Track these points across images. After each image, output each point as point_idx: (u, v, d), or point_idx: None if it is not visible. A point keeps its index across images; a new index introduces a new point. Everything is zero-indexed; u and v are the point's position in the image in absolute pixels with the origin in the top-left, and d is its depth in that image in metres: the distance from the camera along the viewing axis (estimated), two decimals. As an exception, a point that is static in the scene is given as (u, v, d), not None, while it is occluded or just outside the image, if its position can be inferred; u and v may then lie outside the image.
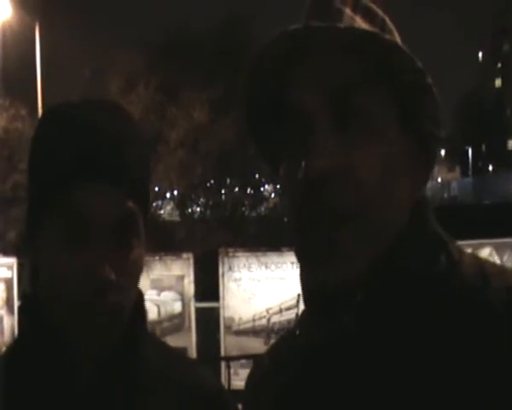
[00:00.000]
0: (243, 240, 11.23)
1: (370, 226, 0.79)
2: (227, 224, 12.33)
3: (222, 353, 9.28)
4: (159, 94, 12.08)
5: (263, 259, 9.43)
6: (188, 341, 9.46)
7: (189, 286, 9.67)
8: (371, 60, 0.80)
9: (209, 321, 9.67)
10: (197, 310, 9.75)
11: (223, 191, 14.10)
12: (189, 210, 13.90)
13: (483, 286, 0.78)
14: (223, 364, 8.85)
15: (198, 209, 13.97)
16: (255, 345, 8.87)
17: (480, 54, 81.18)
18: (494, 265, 0.84)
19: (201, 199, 13.82)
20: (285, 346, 0.98)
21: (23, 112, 13.42)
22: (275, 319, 9.13)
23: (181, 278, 9.73)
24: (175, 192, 13.60)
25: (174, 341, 8.69)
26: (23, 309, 1.02)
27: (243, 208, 13.80)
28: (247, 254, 9.66)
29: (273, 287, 9.23)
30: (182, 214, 13.64)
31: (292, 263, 8.94)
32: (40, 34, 15.89)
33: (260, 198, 14.18)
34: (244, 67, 0.86)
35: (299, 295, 0.92)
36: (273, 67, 0.84)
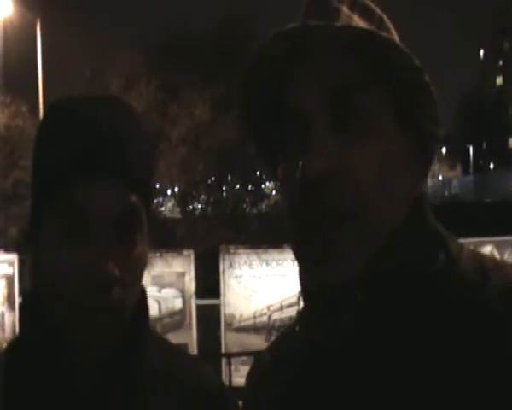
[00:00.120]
0: (244, 237, 11.22)
1: (368, 226, 0.79)
2: (228, 221, 12.33)
3: (223, 350, 9.27)
4: (160, 92, 12.07)
5: (264, 256, 9.43)
6: (188, 338, 9.46)
7: (190, 283, 9.67)
8: (369, 58, 0.80)
9: (210, 318, 9.67)
10: (198, 307, 9.75)
11: (224, 188, 14.10)
12: (190, 207, 13.90)
13: (482, 282, 0.78)
14: (223, 361, 8.84)
15: (199, 206, 13.97)
16: (256, 342, 8.87)
17: (482, 52, 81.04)
18: (494, 260, 0.84)
19: (202, 196, 13.82)
20: (285, 343, 0.98)
21: (24, 109, 13.40)
22: (276, 316, 9.13)
23: (182, 275, 9.72)
24: (176, 189, 13.60)
25: (175, 337, 8.69)
26: (24, 307, 1.02)
27: (244, 205, 13.79)
28: (248, 251, 9.66)
29: (274, 284, 9.22)
30: (183, 211, 13.63)
31: (293, 260, 8.77)
32: (41, 31, 15.86)
33: (261, 195, 14.18)
34: (244, 67, 0.85)
35: (299, 292, 0.92)
36: (272, 67, 0.84)
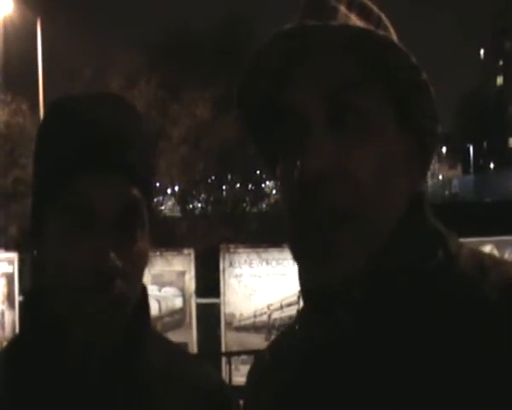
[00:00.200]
0: (244, 236, 11.23)
1: (367, 226, 0.79)
2: (228, 220, 12.33)
3: (223, 349, 9.27)
4: (161, 91, 12.08)
5: (264, 255, 9.42)
6: (188, 337, 9.46)
7: (190, 282, 9.67)
8: (367, 58, 0.80)
9: (210, 317, 9.66)
10: (198, 306, 9.75)
11: (224, 187, 14.11)
12: (191, 206, 13.90)
13: (481, 280, 0.78)
14: (223, 360, 8.84)
15: (199, 205, 13.98)
16: (256, 341, 8.87)
17: (482, 51, 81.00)
18: (493, 258, 0.84)
19: (203, 195, 13.82)
20: (285, 342, 0.98)
21: (24, 107, 13.41)
22: (276, 316, 9.12)
23: (182, 274, 9.72)
24: (176, 188, 13.60)
25: (175, 336, 8.69)
26: (25, 306, 1.02)
27: (244, 204, 13.80)
28: (248, 250, 9.65)
29: (274, 283, 9.21)
30: (183, 210, 13.64)
31: (293, 259, 8.90)
32: (41, 30, 15.86)
33: (261, 194, 14.19)
34: (243, 67, 0.85)
35: (299, 291, 0.92)
36: (272, 67, 0.84)
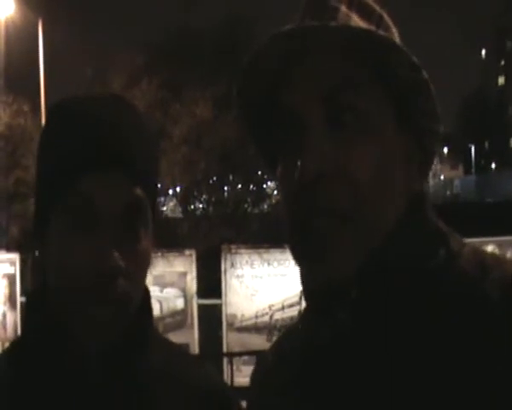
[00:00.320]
0: (246, 237, 11.24)
1: (366, 226, 0.79)
2: (230, 220, 12.35)
3: (224, 349, 9.28)
4: (162, 91, 12.09)
5: (265, 256, 9.43)
6: (190, 337, 9.46)
7: (192, 283, 9.67)
8: (368, 58, 0.80)
9: (211, 318, 9.67)
10: (199, 307, 9.75)
11: (225, 188, 14.12)
12: (192, 207, 13.92)
13: (482, 278, 0.78)
14: (225, 360, 8.85)
15: (201, 206, 13.99)
16: (257, 342, 8.87)
17: (483, 51, 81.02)
18: (494, 256, 0.83)
19: (204, 196, 13.84)
20: (287, 342, 0.98)
21: (26, 108, 13.44)
22: (277, 316, 9.12)
23: (183, 275, 9.73)
24: (177, 189, 13.62)
25: (176, 337, 8.69)
26: (27, 307, 1.02)
27: (246, 205, 13.81)
28: (250, 250, 9.66)
29: (275, 284, 9.22)
30: (184, 211, 13.66)
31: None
32: (43, 31, 15.86)
33: (263, 195, 14.21)
34: (242, 67, 0.85)
35: (301, 291, 0.92)
36: (272, 68, 0.84)
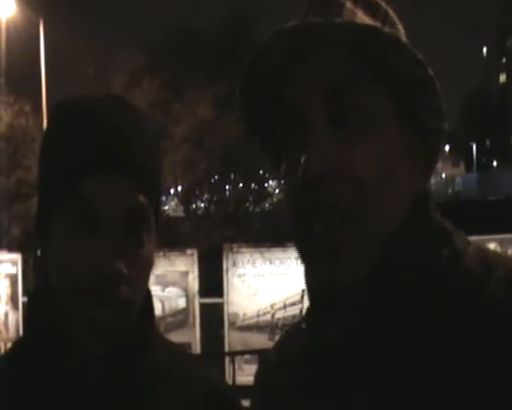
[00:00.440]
0: (247, 236, 11.24)
1: (370, 225, 0.79)
2: (231, 220, 12.35)
3: (226, 348, 9.28)
4: (163, 91, 12.08)
5: (267, 254, 9.44)
6: (192, 336, 9.48)
7: (194, 282, 9.69)
8: (372, 55, 0.79)
9: (213, 317, 9.68)
10: (201, 306, 9.77)
11: (227, 187, 14.12)
12: (194, 206, 13.92)
13: (486, 276, 0.77)
14: (227, 359, 8.86)
15: (202, 205, 13.99)
16: (259, 341, 8.87)
17: (485, 49, 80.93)
18: (498, 254, 0.83)
19: (206, 195, 13.84)
20: (290, 341, 0.98)
21: (27, 108, 13.44)
22: (279, 315, 9.13)
23: (185, 274, 9.74)
24: (179, 188, 13.62)
25: (178, 336, 8.71)
26: (29, 307, 1.02)
27: (247, 204, 13.81)
28: (252, 249, 9.67)
29: (277, 282, 9.23)
30: (186, 210, 13.66)
31: (296, 258, 8.86)
32: (44, 31, 15.86)
33: (264, 194, 14.20)
34: (245, 64, 0.84)
35: (303, 290, 0.92)
36: (275, 65, 0.83)
